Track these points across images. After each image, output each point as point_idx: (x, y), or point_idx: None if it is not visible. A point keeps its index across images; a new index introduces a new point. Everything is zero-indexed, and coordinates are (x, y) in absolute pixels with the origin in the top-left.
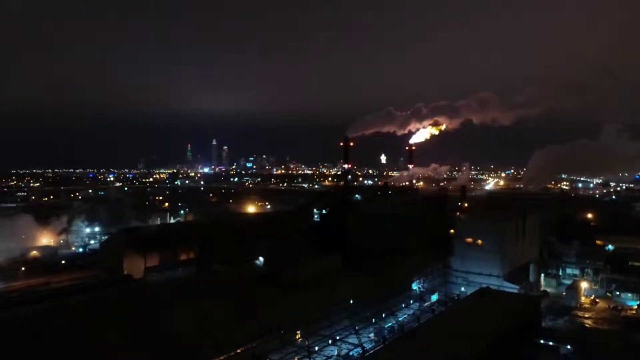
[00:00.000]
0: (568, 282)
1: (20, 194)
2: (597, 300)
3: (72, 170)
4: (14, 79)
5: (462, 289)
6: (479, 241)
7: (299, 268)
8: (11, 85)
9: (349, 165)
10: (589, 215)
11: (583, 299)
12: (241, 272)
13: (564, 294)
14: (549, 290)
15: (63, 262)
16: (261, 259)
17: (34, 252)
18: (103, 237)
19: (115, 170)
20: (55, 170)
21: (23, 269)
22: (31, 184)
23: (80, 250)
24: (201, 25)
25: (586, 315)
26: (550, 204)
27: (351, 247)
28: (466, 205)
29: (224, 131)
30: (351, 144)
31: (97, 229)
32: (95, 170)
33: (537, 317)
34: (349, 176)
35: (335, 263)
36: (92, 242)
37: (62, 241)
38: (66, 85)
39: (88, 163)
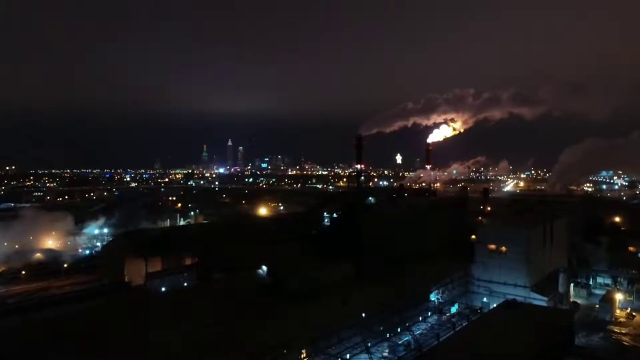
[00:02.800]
0: (599, 292)
1: (36, 193)
2: (634, 313)
3: (90, 170)
4: (33, 80)
5: (485, 299)
6: (503, 248)
7: (306, 277)
8: (29, 86)
9: (362, 166)
10: (617, 219)
11: (618, 312)
12: (242, 282)
13: (597, 306)
14: (579, 301)
15: (65, 265)
16: (264, 267)
17: (38, 255)
18: (111, 239)
19: (132, 171)
20: (74, 170)
21: (23, 272)
22: (47, 184)
23: (87, 252)
24: (215, 25)
25: (623, 331)
26: (577, 207)
27: (364, 253)
28: (489, 208)
29: (239, 131)
30: (364, 142)
31: (105, 230)
32: (112, 171)
33: (570, 333)
34: (362, 177)
35: (346, 271)
36: (98, 244)
37: (69, 242)
38: (84, 86)
39: (106, 163)
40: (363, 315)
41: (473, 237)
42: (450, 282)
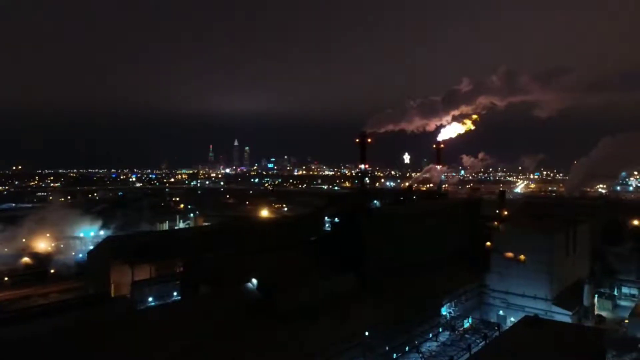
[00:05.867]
0: (625, 303)
1: (39, 194)
2: None
3: (96, 170)
4: (41, 79)
5: (500, 312)
6: (522, 256)
7: (301, 292)
8: (38, 85)
9: (366, 165)
10: (635, 222)
11: None
12: (228, 297)
13: (627, 321)
14: (603, 314)
15: (52, 271)
16: (254, 280)
17: (25, 259)
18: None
19: (139, 171)
20: (80, 170)
21: (6, 278)
22: (51, 184)
23: (80, 256)
24: (222, 26)
25: None
26: (598, 210)
27: (368, 263)
28: (505, 212)
29: (246, 132)
30: (369, 140)
31: (102, 232)
32: (119, 171)
33: (600, 356)
34: (367, 178)
35: (348, 283)
36: (91, 247)
37: (62, 245)
38: (93, 86)
39: (113, 163)
40: (366, 333)
41: (488, 243)
42: (463, 293)
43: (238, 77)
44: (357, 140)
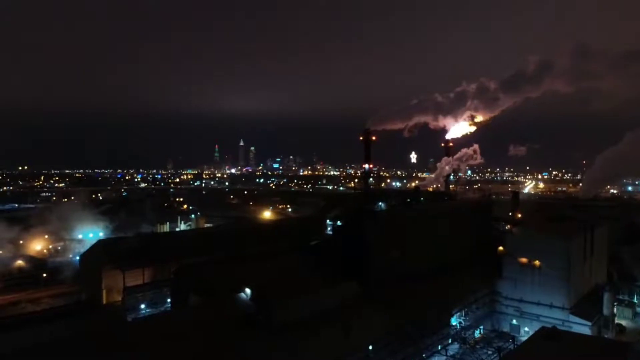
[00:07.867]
0: None
1: (44, 194)
2: None
3: (102, 170)
4: (46, 80)
5: (514, 321)
6: (537, 262)
7: (300, 303)
8: (43, 86)
9: (371, 165)
10: None
11: None
12: (219, 309)
13: None
14: (623, 323)
15: (45, 275)
16: (248, 290)
17: (19, 262)
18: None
19: (144, 171)
20: (86, 170)
21: None
22: (56, 185)
23: (77, 258)
24: (224, 26)
25: None
26: (617, 212)
27: (372, 269)
28: (519, 215)
29: (252, 132)
30: (373, 138)
31: (101, 234)
32: (125, 171)
33: None
34: (371, 178)
35: (351, 291)
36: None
37: (59, 247)
38: (99, 86)
39: (120, 163)
40: (370, 347)
41: (500, 248)
42: (474, 301)
43: (242, 77)
44: (362, 138)
